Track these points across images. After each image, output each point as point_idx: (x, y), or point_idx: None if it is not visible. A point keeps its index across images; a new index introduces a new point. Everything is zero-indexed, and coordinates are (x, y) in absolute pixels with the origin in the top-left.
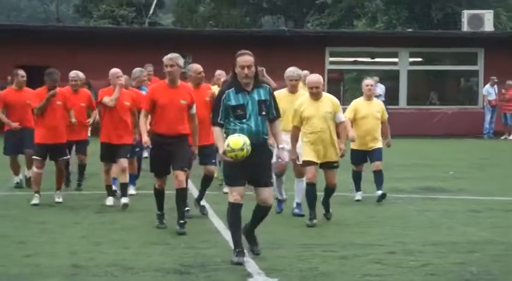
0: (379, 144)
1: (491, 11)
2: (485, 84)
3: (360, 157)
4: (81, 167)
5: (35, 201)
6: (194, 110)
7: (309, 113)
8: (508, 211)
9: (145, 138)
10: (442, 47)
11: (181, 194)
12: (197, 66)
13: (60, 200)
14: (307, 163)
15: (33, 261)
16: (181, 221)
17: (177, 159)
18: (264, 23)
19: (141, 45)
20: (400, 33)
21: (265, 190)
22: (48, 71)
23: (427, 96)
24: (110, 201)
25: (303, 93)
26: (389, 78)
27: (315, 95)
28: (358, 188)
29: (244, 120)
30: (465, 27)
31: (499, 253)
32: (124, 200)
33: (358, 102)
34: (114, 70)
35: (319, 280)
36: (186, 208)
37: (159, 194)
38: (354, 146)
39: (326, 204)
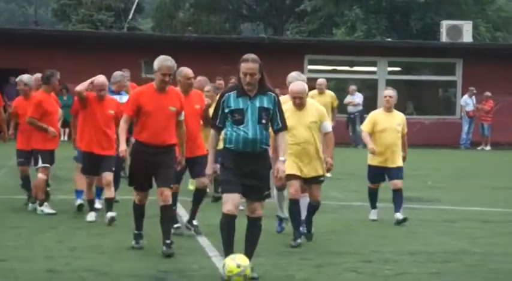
0: (399, 161)
1: (470, 22)
2: (463, 94)
3: (378, 173)
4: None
5: (50, 210)
6: (182, 116)
7: (291, 123)
8: (484, 221)
9: (123, 148)
10: (421, 57)
11: (167, 211)
12: (187, 71)
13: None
14: (290, 177)
15: (8, 266)
16: (168, 241)
17: (162, 174)
18: (243, 30)
19: (120, 50)
20: (379, 42)
21: (254, 200)
22: (51, 72)
23: (405, 106)
24: (91, 216)
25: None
26: (368, 88)
27: (298, 105)
28: (373, 206)
29: (241, 127)
30: (444, 38)
31: (474, 263)
32: (110, 214)
33: (377, 114)
34: (100, 79)
35: None
36: (176, 225)
37: (139, 210)
38: (372, 161)
39: (308, 223)
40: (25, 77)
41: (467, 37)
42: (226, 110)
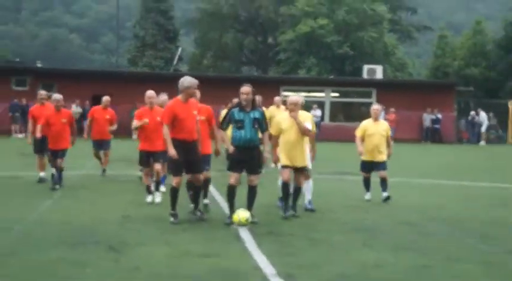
0: (384, 157)
1: (381, 66)
2: None
3: (368, 166)
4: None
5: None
6: (198, 118)
7: (285, 126)
8: (393, 186)
9: (172, 151)
10: (351, 87)
11: (198, 189)
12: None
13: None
14: (284, 167)
15: (97, 214)
16: (200, 210)
17: (195, 164)
18: (243, 71)
19: (168, 84)
20: (326, 78)
21: (252, 175)
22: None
23: (338, 117)
24: (149, 198)
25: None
26: (319, 106)
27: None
28: (368, 190)
29: (242, 131)
30: (365, 76)
31: (387, 212)
32: (158, 198)
33: (367, 123)
34: (149, 92)
35: (282, 231)
36: (205, 201)
37: (175, 193)
38: (364, 158)
39: (294, 205)
40: (56, 95)
41: (379, 75)
42: (232, 119)
